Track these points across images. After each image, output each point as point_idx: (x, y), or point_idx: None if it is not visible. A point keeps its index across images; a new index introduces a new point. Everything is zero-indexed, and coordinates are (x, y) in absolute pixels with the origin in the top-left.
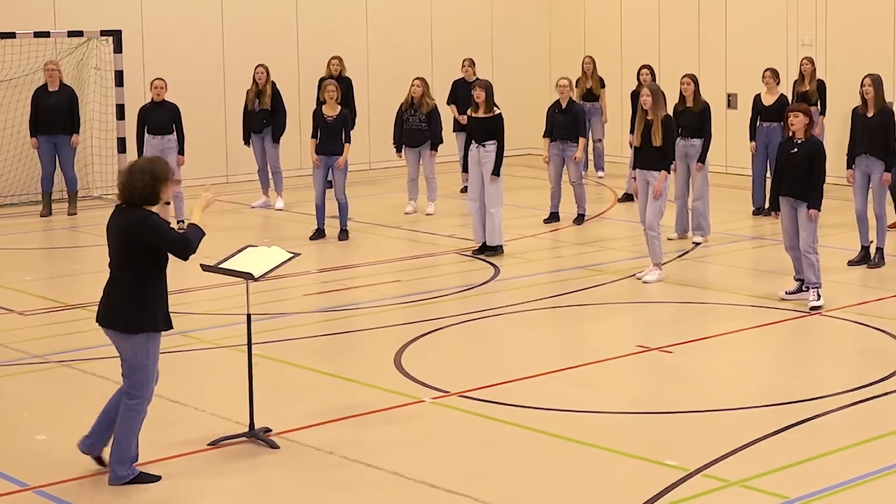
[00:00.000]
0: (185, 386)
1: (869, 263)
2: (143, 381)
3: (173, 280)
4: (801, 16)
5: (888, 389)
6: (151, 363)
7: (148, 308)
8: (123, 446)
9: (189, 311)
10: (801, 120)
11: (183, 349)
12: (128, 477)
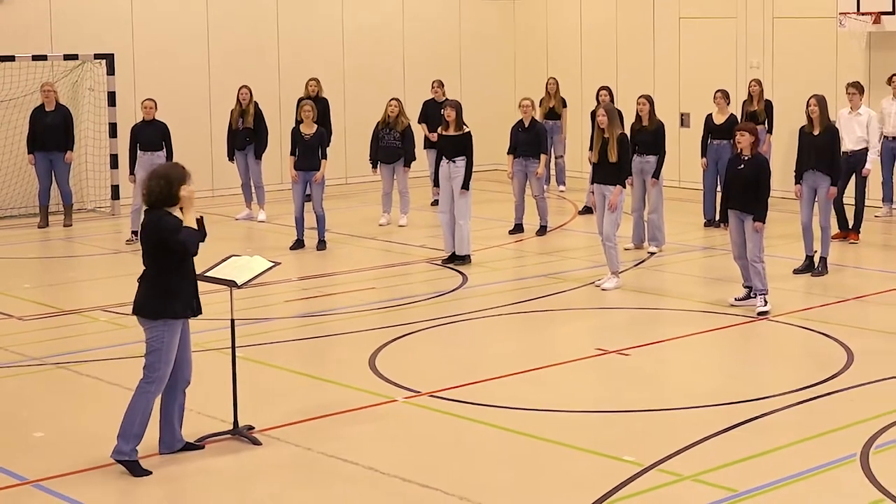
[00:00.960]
0: None
1: (813, 272)
2: (155, 365)
3: None
4: (750, 40)
5: (830, 390)
6: (165, 350)
7: (167, 298)
8: (129, 422)
9: None
10: (747, 138)
11: None
12: (126, 456)
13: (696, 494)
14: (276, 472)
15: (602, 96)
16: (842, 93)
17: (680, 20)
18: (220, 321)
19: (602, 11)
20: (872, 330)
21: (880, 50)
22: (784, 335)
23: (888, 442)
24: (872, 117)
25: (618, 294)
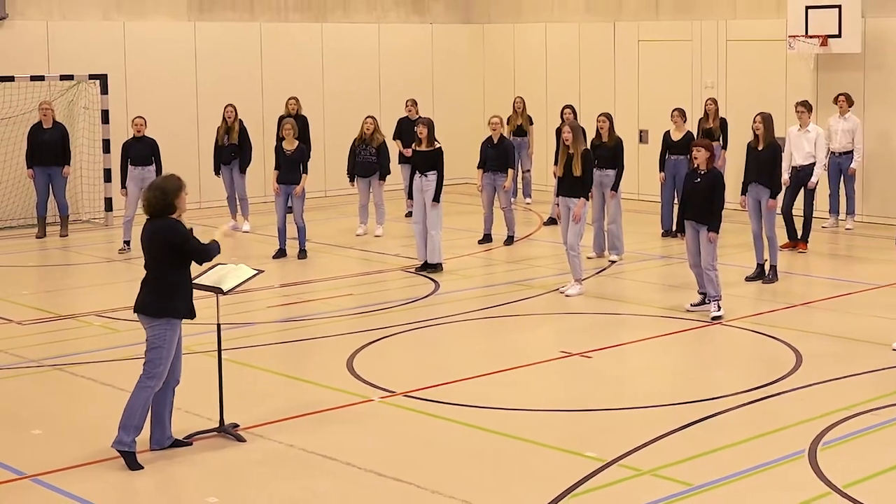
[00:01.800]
0: None
1: (764, 279)
2: (156, 361)
3: None
4: (705, 62)
5: (780, 390)
6: (167, 347)
7: (170, 299)
8: (129, 415)
9: None
10: (703, 154)
11: None
12: (126, 447)
13: (654, 488)
14: (259, 467)
15: (566, 114)
16: (791, 111)
17: (639, 43)
18: (207, 325)
19: (566, 35)
20: (819, 334)
21: (827, 71)
22: (736, 339)
23: (835, 439)
24: (820, 134)
25: (581, 300)
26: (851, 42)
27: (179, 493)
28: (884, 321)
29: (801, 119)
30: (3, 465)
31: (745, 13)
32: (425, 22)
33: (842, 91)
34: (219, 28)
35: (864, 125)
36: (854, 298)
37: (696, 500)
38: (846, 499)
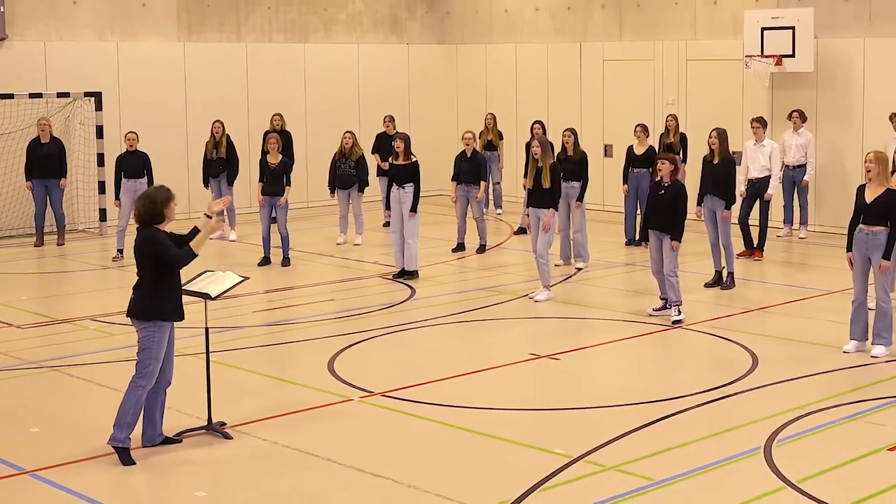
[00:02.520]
0: None
1: (721, 285)
2: (146, 362)
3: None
4: (666, 80)
5: (737, 390)
6: (155, 349)
7: (157, 303)
8: (123, 413)
9: None
10: (667, 167)
11: None
12: (121, 443)
13: (618, 483)
14: (245, 463)
15: (535, 130)
16: (748, 127)
17: (604, 62)
18: (196, 329)
19: (534, 55)
20: (774, 337)
21: (781, 89)
22: (696, 342)
23: (788, 437)
24: (774, 149)
25: (549, 305)
26: (804, 62)
27: (170, 488)
28: (835, 325)
29: (757, 134)
30: (3, 460)
31: (704, 34)
32: (402, 43)
33: (795, 108)
34: (207, 48)
35: (816, 140)
36: (807, 304)
37: (658, 494)
38: (799, 493)
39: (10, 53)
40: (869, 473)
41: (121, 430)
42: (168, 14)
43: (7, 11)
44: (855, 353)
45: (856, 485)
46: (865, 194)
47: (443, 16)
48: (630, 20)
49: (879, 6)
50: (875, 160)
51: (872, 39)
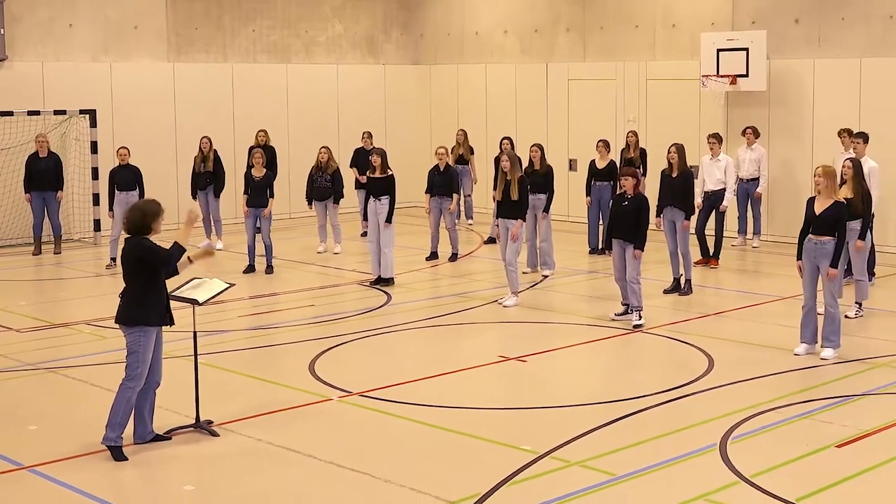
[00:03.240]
0: None
1: (680, 291)
2: (134, 365)
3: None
4: (627, 99)
5: (694, 390)
6: (142, 352)
7: (144, 309)
8: (114, 414)
9: None
10: (630, 181)
11: None
12: (113, 441)
13: (582, 478)
14: (231, 459)
15: (504, 145)
16: (704, 142)
17: (569, 81)
18: (185, 333)
19: (503, 75)
20: (729, 340)
21: (736, 107)
22: (655, 345)
23: (742, 434)
24: (729, 163)
25: (517, 310)
26: (757, 81)
27: (160, 482)
28: (786, 329)
29: (713, 149)
30: (3, 456)
31: (663, 55)
32: (378, 63)
33: (749, 125)
34: (195, 69)
35: (768, 155)
36: (760, 309)
37: (619, 488)
38: (752, 487)
39: (9, 73)
40: (818, 469)
41: (113, 429)
42: (158, 36)
43: (7, 34)
44: (805, 356)
45: (806, 480)
46: (815, 206)
47: (417, 38)
48: (593, 42)
49: (827, 30)
50: (824, 174)
51: (821, 60)
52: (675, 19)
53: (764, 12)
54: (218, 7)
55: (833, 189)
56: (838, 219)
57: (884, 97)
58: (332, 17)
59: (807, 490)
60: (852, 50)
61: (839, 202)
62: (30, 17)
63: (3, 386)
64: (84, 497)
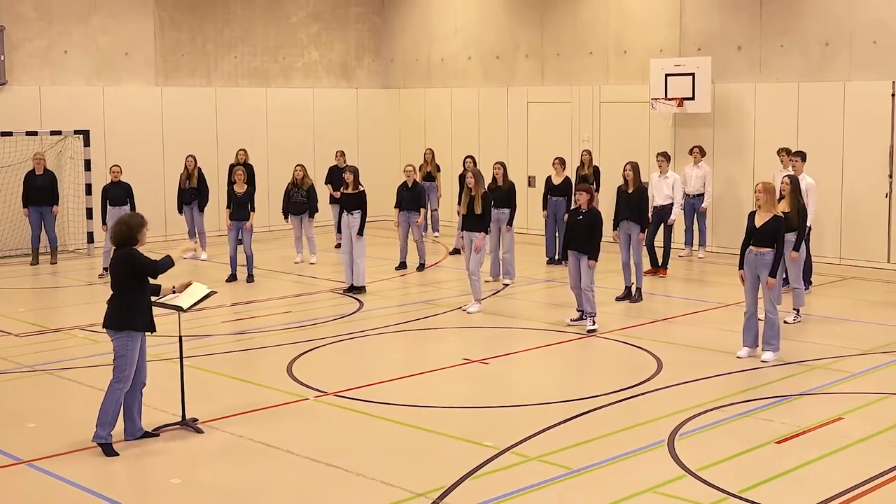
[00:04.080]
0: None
1: (631, 299)
2: (122, 367)
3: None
4: (582, 120)
5: (644, 391)
6: (129, 356)
7: (130, 315)
8: (104, 413)
9: None
10: (584, 197)
11: None
12: (103, 439)
13: (540, 471)
14: (215, 454)
15: (468, 163)
16: (653, 160)
17: (528, 104)
18: (171, 337)
19: (467, 97)
20: (677, 344)
21: (683, 127)
22: (608, 348)
23: (688, 431)
24: (677, 180)
25: (480, 316)
26: (703, 104)
27: (149, 476)
28: (730, 334)
29: (661, 167)
30: (3, 452)
31: (616, 80)
32: (352, 87)
33: (696, 144)
34: (181, 92)
35: (713, 172)
36: (705, 315)
37: (574, 481)
38: (698, 480)
39: (9, 96)
40: (759, 463)
41: (103, 428)
42: (147, 62)
43: (7, 60)
44: (747, 358)
45: (747, 473)
46: (755, 220)
47: (387, 64)
48: (551, 68)
49: (767, 56)
50: (763, 190)
51: (762, 84)
52: (626, 46)
53: (709, 40)
54: (202, 35)
55: (772, 204)
56: (777, 231)
57: (820, 119)
58: (308, 44)
59: (748, 483)
60: (790, 75)
61: (777, 216)
62: (28, 44)
63: (3, 386)
64: (78, 489)
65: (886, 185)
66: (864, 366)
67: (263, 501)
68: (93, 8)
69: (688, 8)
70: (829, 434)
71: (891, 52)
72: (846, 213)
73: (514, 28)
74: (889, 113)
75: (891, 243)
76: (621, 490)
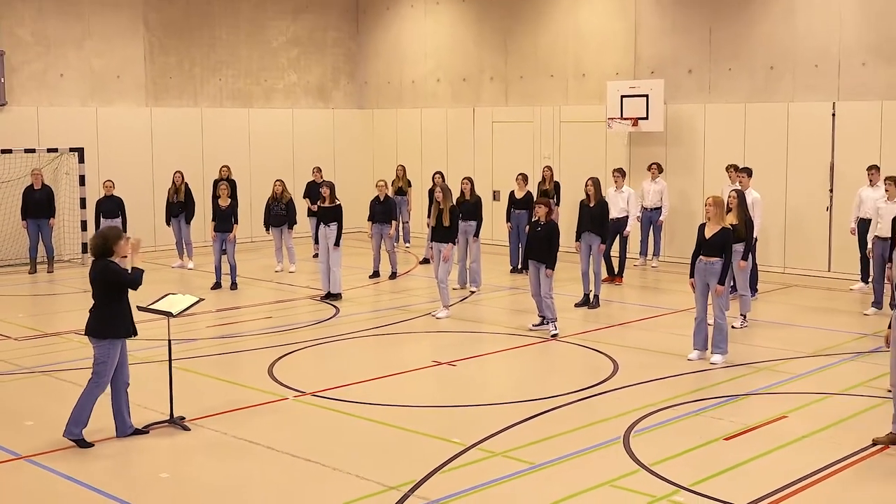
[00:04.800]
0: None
1: (589, 305)
2: (102, 372)
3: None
4: (543, 138)
5: (601, 391)
6: (109, 362)
7: (111, 323)
8: (79, 412)
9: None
10: (543, 210)
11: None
12: (76, 436)
13: (505, 466)
14: (201, 450)
15: (437, 178)
16: (610, 176)
17: (493, 123)
18: (160, 341)
19: (436, 117)
20: (632, 347)
21: (637, 145)
22: (568, 351)
23: (643, 428)
24: (632, 194)
25: (448, 321)
26: (656, 123)
27: (139, 470)
28: (681, 338)
29: (617, 182)
30: (3, 448)
31: (574, 101)
32: (328, 108)
33: (651, 161)
34: (169, 112)
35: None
36: (659, 320)
37: (537, 475)
38: (652, 474)
39: (8, 116)
40: (708, 458)
41: (76, 426)
42: (137, 85)
43: (7, 82)
44: (697, 361)
45: (698, 467)
46: (705, 231)
47: (361, 86)
48: (514, 90)
49: (716, 79)
50: (713, 203)
51: (711, 105)
52: (584, 70)
53: (662, 63)
54: (189, 59)
55: (721, 216)
56: (725, 242)
57: (765, 137)
58: (287, 67)
59: (699, 477)
60: (738, 96)
61: (726, 228)
62: (26, 68)
63: (2, 387)
64: (74, 483)
65: (827, 199)
66: (806, 368)
67: (246, 494)
68: (87, 34)
69: (642, 34)
70: (773, 431)
71: (831, 76)
72: (790, 225)
73: (480, 53)
74: (829, 132)
75: (831, 253)
76: (580, 483)
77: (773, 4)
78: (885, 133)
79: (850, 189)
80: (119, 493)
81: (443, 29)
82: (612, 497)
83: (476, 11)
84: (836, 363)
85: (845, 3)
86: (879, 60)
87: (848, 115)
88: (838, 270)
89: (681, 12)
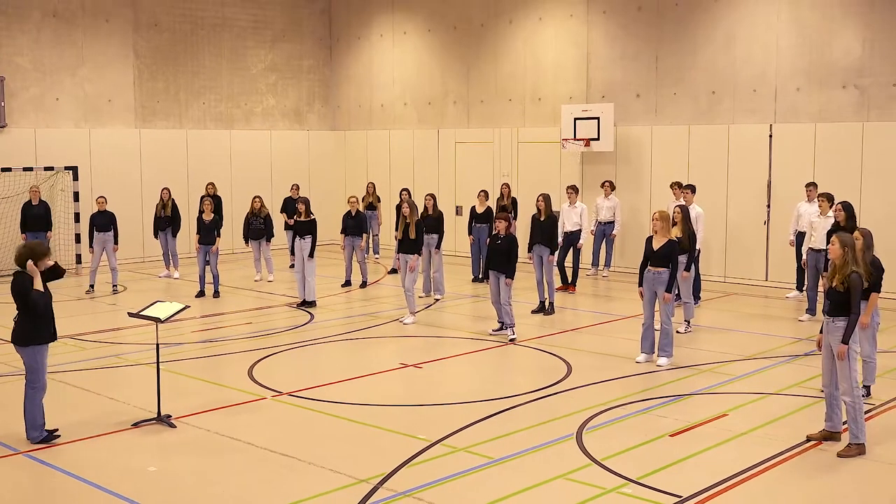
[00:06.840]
0: (117, 388)
1: (544, 312)
2: (35, 379)
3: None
4: (502, 158)
5: (556, 391)
6: (40, 367)
7: (34, 330)
8: (30, 418)
9: (121, 342)
10: (503, 224)
11: (117, 366)
12: (39, 438)
13: (467, 461)
14: (186, 445)
15: (404, 195)
16: (564, 193)
17: (456, 144)
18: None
19: (404, 138)
20: (584, 350)
21: (590, 164)
22: (525, 354)
23: (594, 426)
24: (584, 209)
25: (414, 327)
26: (607, 143)
27: (128, 464)
28: (630, 342)
29: (571, 198)
30: (3, 444)
31: (531, 123)
32: (304, 129)
33: (603, 179)
34: (157, 133)
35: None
36: (609, 325)
37: (496, 469)
38: (603, 468)
39: (8, 137)
40: (655, 453)
41: (34, 430)
42: (127, 108)
43: (6, 106)
44: (644, 363)
45: (645, 462)
46: (652, 244)
47: (334, 109)
48: (475, 113)
49: (662, 103)
50: (660, 218)
51: (658, 127)
52: (540, 94)
53: (612, 89)
54: (175, 85)
55: (667, 230)
56: (671, 253)
57: (707, 157)
58: (266, 92)
59: (646, 470)
60: (682, 119)
61: (671, 240)
62: (25, 92)
63: (2, 388)
64: (68, 476)
65: (765, 213)
66: (745, 369)
67: (227, 486)
68: (81, 61)
69: (593, 61)
70: (715, 428)
71: (769, 100)
72: (730, 237)
73: (445, 79)
74: (767, 152)
75: (769, 264)
76: (536, 476)
77: (715, 34)
78: (818, 153)
79: (786, 204)
80: (110, 485)
81: (409, 57)
82: (566, 489)
83: (440, 41)
84: (772, 365)
85: (782, 32)
86: (812, 86)
87: (784, 136)
88: (775, 279)
89: (630, 42)
